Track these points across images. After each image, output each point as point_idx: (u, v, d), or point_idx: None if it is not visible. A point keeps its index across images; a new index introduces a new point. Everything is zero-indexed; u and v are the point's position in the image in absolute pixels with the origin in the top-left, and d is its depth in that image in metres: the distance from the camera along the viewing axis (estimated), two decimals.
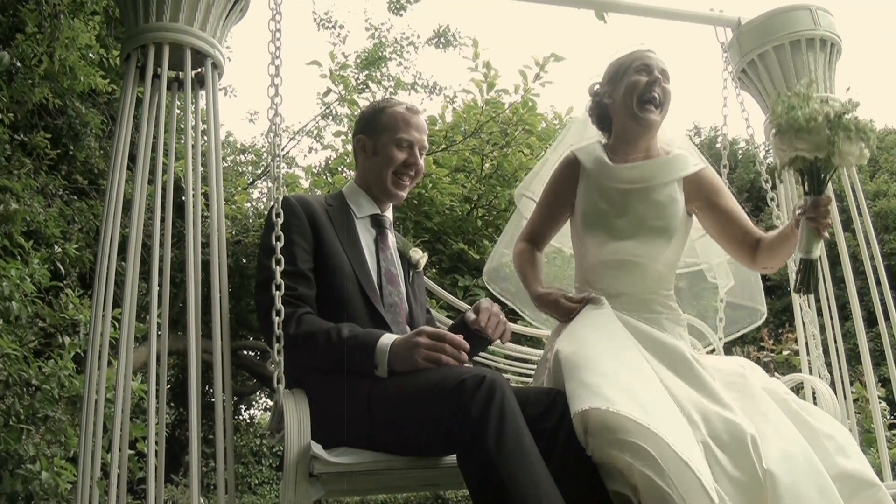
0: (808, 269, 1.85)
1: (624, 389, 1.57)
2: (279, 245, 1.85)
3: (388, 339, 1.77)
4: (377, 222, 2.13)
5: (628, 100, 2.10)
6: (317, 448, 1.65)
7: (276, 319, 1.78)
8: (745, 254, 2.13)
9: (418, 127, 2.12)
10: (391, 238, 2.15)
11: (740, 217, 2.14)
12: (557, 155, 2.39)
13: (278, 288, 1.80)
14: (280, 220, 1.88)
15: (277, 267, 1.82)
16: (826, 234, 1.81)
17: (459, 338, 1.75)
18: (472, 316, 2.01)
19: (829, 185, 1.88)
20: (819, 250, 1.84)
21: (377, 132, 2.12)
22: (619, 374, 1.64)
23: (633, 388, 1.60)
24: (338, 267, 1.95)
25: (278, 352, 1.76)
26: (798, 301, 2.77)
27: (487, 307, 2.01)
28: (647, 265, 2.09)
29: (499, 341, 2.08)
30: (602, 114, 2.24)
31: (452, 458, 1.62)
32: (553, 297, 2.08)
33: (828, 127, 1.70)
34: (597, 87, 2.24)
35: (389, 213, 2.19)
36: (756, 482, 1.53)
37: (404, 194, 2.14)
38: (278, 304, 1.79)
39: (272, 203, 1.95)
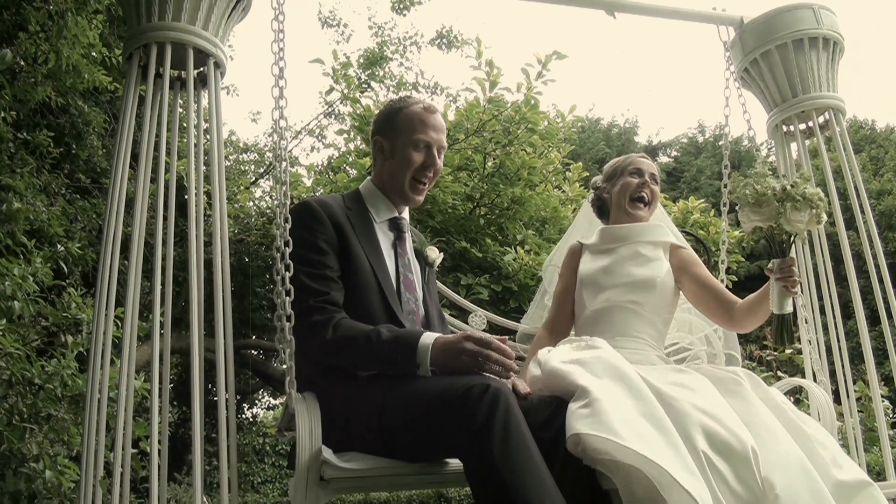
0: (781, 323, 2.05)
1: (621, 414, 1.61)
2: (287, 250, 1.84)
3: (428, 338, 1.76)
4: (395, 226, 2.12)
5: (621, 198, 2.48)
6: (327, 453, 1.66)
7: (287, 325, 1.78)
8: (721, 314, 2.35)
9: (436, 126, 2.08)
10: (409, 240, 2.14)
11: (714, 283, 2.41)
12: (570, 239, 2.75)
13: (288, 293, 1.80)
14: (288, 226, 1.87)
15: (287, 273, 1.82)
16: (795, 291, 2.02)
17: (505, 346, 1.74)
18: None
19: (793, 248, 2.12)
20: (790, 306, 2.06)
21: (394, 134, 2.08)
22: (615, 396, 1.68)
23: (630, 410, 1.64)
24: (361, 275, 1.95)
25: (290, 356, 1.76)
26: (800, 301, 2.77)
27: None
28: (637, 311, 2.31)
29: None
30: (602, 206, 2.62)
31: (458, 464, 1.63)
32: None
33: (776, 199, 1.96)
34: (598, 183, 2.63)
35: (406, 214, 2.18)
36: (755, 492, 1.57)
37: (421, 198, 2.12)
38: (288, 309, 1.79)
39: (297, 209, 1.95)
